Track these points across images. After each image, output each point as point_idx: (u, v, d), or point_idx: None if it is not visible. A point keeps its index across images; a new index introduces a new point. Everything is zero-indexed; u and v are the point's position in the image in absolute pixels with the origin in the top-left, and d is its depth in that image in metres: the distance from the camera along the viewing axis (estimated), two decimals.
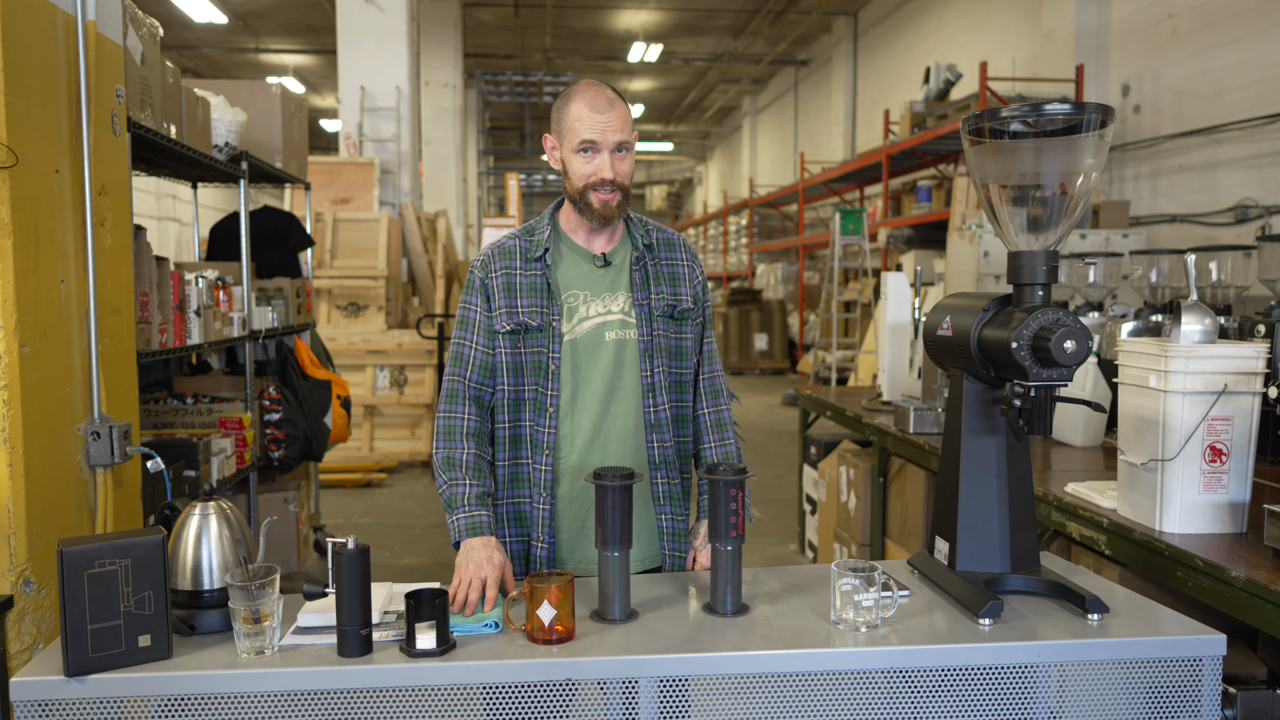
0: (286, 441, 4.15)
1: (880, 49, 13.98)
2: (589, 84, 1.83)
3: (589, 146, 1.80)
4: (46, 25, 2.18)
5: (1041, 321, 1.57)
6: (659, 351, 1.88)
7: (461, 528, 1.75)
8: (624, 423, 1.86)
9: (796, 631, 1.56)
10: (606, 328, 1.86)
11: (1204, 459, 2.05)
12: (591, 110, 1.79)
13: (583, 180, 1.81)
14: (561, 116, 1.83)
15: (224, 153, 3.72)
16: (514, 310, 1.84)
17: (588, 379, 1.85)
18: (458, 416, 1.84)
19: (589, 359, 1.85)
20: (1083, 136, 1.58)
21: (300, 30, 15.00)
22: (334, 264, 7.79)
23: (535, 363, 1.84)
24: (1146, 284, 3.44)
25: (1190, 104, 7.18)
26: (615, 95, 1.83)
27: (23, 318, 2.06)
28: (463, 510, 1.76)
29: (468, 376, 1.86)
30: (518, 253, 1.88)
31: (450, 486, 1.79)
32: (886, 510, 3.90)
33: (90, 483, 2.34)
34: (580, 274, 1.88)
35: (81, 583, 1.41)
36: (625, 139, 1.81)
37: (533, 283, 1.85)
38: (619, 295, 1.88)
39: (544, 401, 1.84)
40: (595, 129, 1.78)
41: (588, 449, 1.85)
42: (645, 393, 1.87)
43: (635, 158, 1.88)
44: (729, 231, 19.02)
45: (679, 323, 1.93)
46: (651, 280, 1.90)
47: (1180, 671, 1.53)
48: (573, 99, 1.81)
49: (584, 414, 1.85)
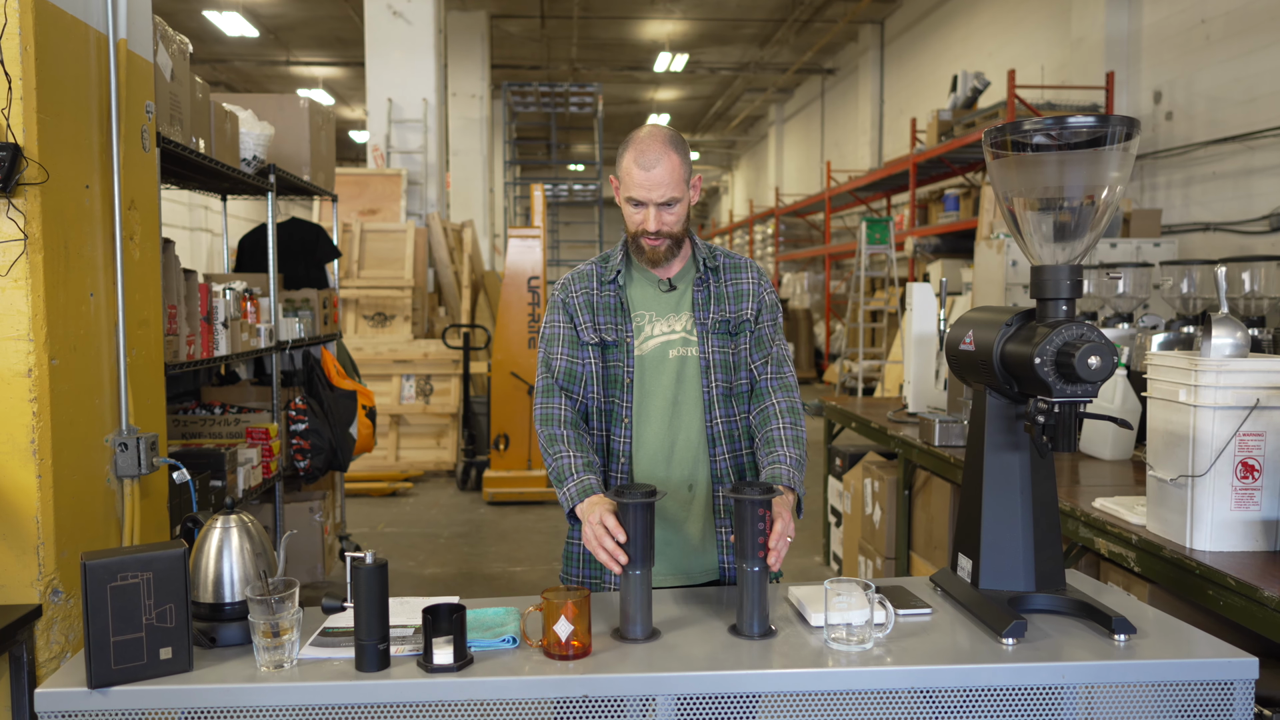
0: (312, 451, 4.19)
1: (907, 57, 13.91)
2: (647, 134, 1.88)
3: (635, 203, 1.88)
4: (78, 44, 2.22)
5: (1065, 337, 1.54)
6: (715, 367, 1.94)
7: (573, 494, 1.80)
8: (687, 436, 1.94)
9: (818, 651, 1.55)
10: (670, 345, 1.95)
11: (1235, 475, 2.01)
12: (639, 167, 1.84)
13: (633, 227, 1.92)
14: (619, 164, 1.90)
15: (252, 166, 3.77)
16: (596, 326, 1.95)
17: (653, 393, 1.94)
18: (554, 406, 1.94)
19: (654, 375, 1.94)
20: (1107, 149, 1.56)
21: (330, 43, 15.19)
22: (361, 274, 7.86)
23: (614, 376, 1.95)
24: (1178, 295, 3.39)
25: (1224, 110, 7.07)
26: (667, 147, 1.85)
27: (53, 331, 2.09)
28: (572, 480, 1.82)
29: (556, 376, 1.96)
30: (594, 276, 2.00)
31: (556, 460, 1.87)
32: (912, 523, 3.86)
33: (118, 493, 2.37)
34: (648, 296, 1.98)
35: (105, 595, 1.43)
36: (672, 195, 1.86)
37: (608, 302, 1.96)
38: (682, 315, 1.97)
39: (620, 412, 1.94)
40: (641, 187, 1.85)
41: (653, 460, 1.93)
42: (706, 407, 1.94)
43: (690, 201, 1.94)
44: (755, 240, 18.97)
45: (734, 337, 1.98)
46: (714, 300, 1.97)
47: (1211, 694, 1.50)
48: (628, 149, 1.88)
49: (648, 426, 1.94)
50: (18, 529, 2.05)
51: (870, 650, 1.54)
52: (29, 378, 2.04)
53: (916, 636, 1.61)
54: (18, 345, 2.04)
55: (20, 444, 2.04)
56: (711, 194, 29.17)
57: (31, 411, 2.05)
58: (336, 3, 12.89)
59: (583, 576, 1.97)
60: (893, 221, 9.88)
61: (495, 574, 5.06)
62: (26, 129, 2.02)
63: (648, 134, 1.88)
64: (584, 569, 1.97)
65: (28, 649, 2.04)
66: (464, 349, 7.24)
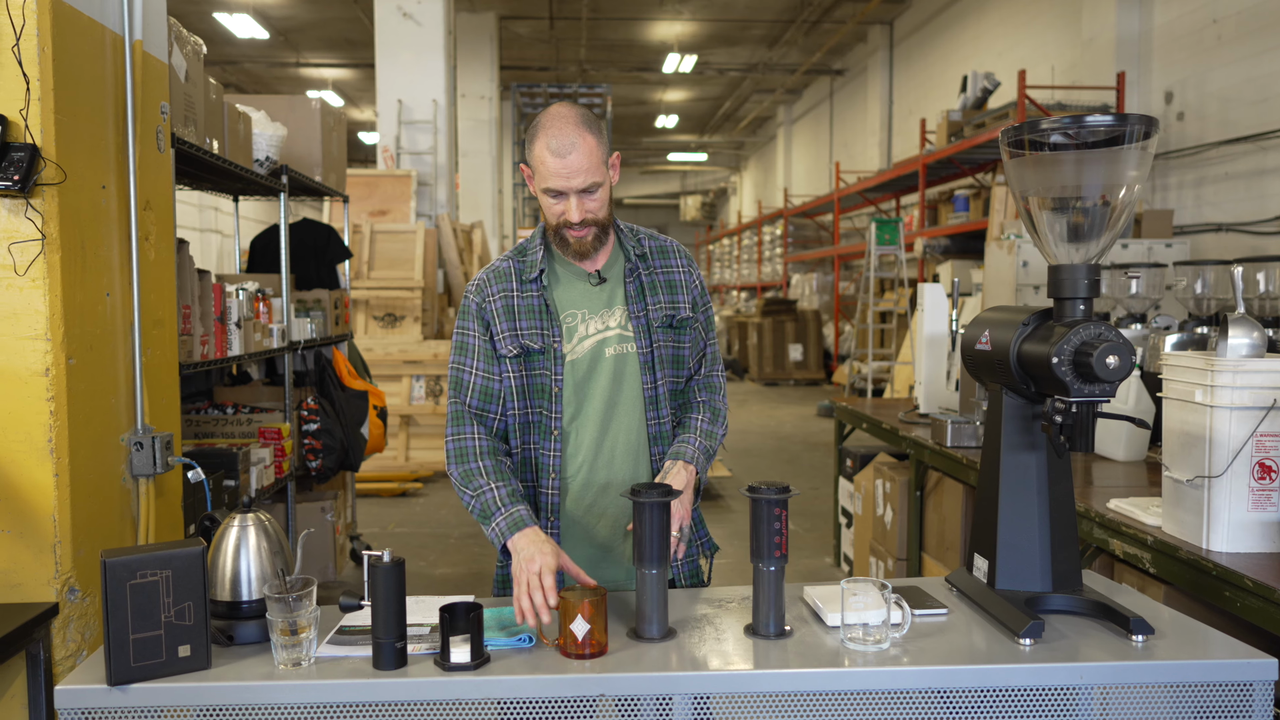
0: (324, 451, 4.20)
1: (916, 58, 13.89)
2: (554, 117, 1.73)
3: (554, 194, 1.75)
4: (95, 45, 2.24)
5: (1083, 336, 1.54)
6: (661, 363, 1.86)
7: (503, 529, 1.70)
8: (626, 437, 1.84)
9: (835, 651, 1.54)
10: (605, 344, 1.83)
11: (1253, 476, 2.00)
12: (553, 154, 1.70)
13: (554, 219, 1.78)
14: (529, 153, 1.76)
15: (265, 167, 3.79)
16: (516, 333, 1.81)
17: (588, 397, 1.83)
18: (467, 437, 1.80)
19: (589, 378, 1.83)
20: (1125, 148, 1.55)
21: (339, 45, 15.23)
22: (371, 275, 7.89)
23: (539, 386, 1.82)
24: (1191, 295, 3.37)
25: (1236, 110, 7.04)
26: (580, 128, 1.71)
27: (69, 330, 2.10)
28: (499, 513, 1.71)
29: (468, 401, 1.83)
30: (513, 274, 1.84)
31: (478, 497, 1.74)
32: (923, 524, 3.85)
33: (133, 492, 2.38)
34: (576, 293, 1.85)
35: (124, 593, 1.44)
36: (591, 181, 1.73)
37: (530, 304, 1.82)
38: (615, 310, 1.85)
39: (548, 424, 1.82)
40: (558, 176, 1.72)
41: (591, 467, 1.84)
42: (648, 405, 1.85)
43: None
44: (764, 241, 18.96)
45: (678, 332, 1.89)
46: (647, 290, 1.87)
47: (1229, 696, 1.49)
48: (537, 135, 1.73)
49: (585, 432, 1.83)
50: (35, 527, 2.07)
51: (887, 650, 1.54)
52: (46, 377, 2.05)
53: (933, 637, 1.60)
54: (35, 344, 2.05)
55: (38, 443, 2.06)
56: (720, 195, 29.16)
57: (49, 410, 2.06)
58: (346, 4, 12.93)
59: None
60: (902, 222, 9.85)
61: None
62: (44, 130, 2.03)
63: (556, 116, 1.72)
64: None
65: (44, 647, 2.05)
66: None
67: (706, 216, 29.24)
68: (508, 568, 1.85)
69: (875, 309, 10.56)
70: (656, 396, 1.85)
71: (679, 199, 29.14)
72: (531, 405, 1.82)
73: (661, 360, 1.86)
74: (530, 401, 1.82)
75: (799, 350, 14.67)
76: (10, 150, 1.98)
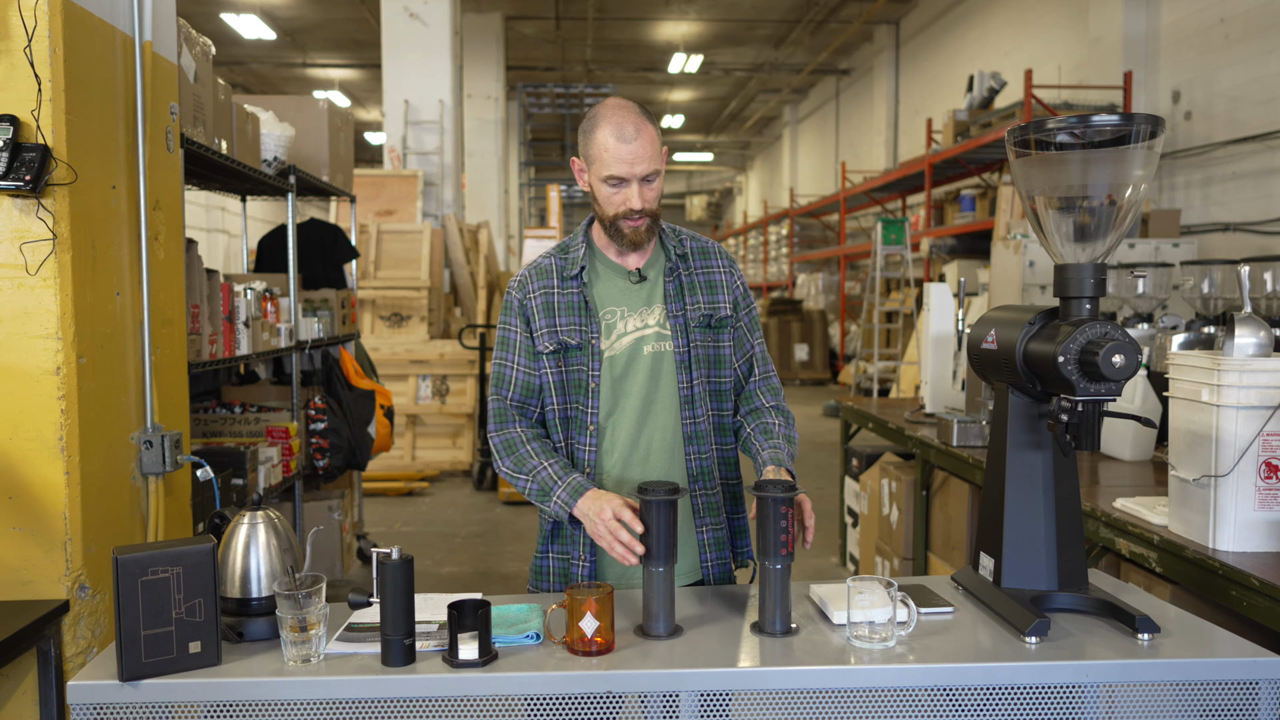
0: (331, 450, 4.21)
1: (922, 57, 13.87)
2: (615, 106, 1.77)
3: (616, 181, 1.77)
4: (105, 46, 2.25)
5: (1089, 335, 1.54)
6: (697, 362, 1.86)
7: (565, 500, 1.74)
8: (662, 435, 1.85)
9: (841, 649, 1.55)
10: (644, 341, 1.84)
11: (1259, 475, 2.00)
12: (618, 140, 1.73)
13: (612, 209, 1.79)
14: (588, 143, 1.78)
15: (273, 167, 3.80)
16: (554, 330, 1.83)
17: (625, 394, 1.84)
18: (511, 432, 1.85)
19: (626, 374, 1.84)
20: (1132, 148, 1.56)
21: (346, 45, 15.27)
22: (378, 275, 7.91)
23: (577, 381, 1.84)
24: (1198, 295, 3.37)
25: (1243, 110, 7.02)
26: (642, 117, 1.76)
27: (80, 330, 2.12)
28: (557, 485, 1.75)
29: (510, 396, 1.86)
30: (554, 271, 1.87)
31: (533, 478, 1.79)
32: (929, 524, 3.85)
33: (143, 490, 2.40)
34: (616, 290, 1.87)
35: (136, 589, 1.45)
36: (653, 168, 1.76)
37: (570, 301, 1.85)
38: (654, 308, 1.86)
39: (584, 419, 1.84)
40: (622, 162, 1.74)
41: (625, 464, 1.85)
42: (683, 404, 1.85)
43: (666, 172, 1.86)
44: (769, 241, 18.95)
45: (716, 331, 1.89)
46: (686, 290, 1.88)
47: (1236, 694, 1.50)
48: (599, 124, 1.76)
49: (621, 428, 1.84)
50: (46, 525, 2.08)
51: (893, 648, 1.54)
52: (57, 375, 2.07)
53: (939, 635, 1.61)
54: (46, 343, 2.07)
55: (49, 441, 2.07)
56: (726, 195, 29.15)
57: (60, 409, 2.07)
58: (353, 5, 12.96)
59: (554, 590, 1.88)
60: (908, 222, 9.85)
61: (511, 573, 5.08)
62: (55, 130, 2.05)
63: (617, 106, 1.76)
64: (556, 582, 1.88)
65: (55, 643, 2.07)
66: (480, 349, 7.27)
67: (712, 216, 29.23)
68: (544, 558, 1.89)
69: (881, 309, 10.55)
70: (692, 396, 1.86)
71: (685, 199, 29.14)
72: (569, 400, 1.85)
73: (698, 360, 1.87)
74: (568, 396, 1.85)
75: (805, 350, 14.67)
76: (22, 150, 2.00)
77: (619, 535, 1.62)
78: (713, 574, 1.90)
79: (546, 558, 1.89)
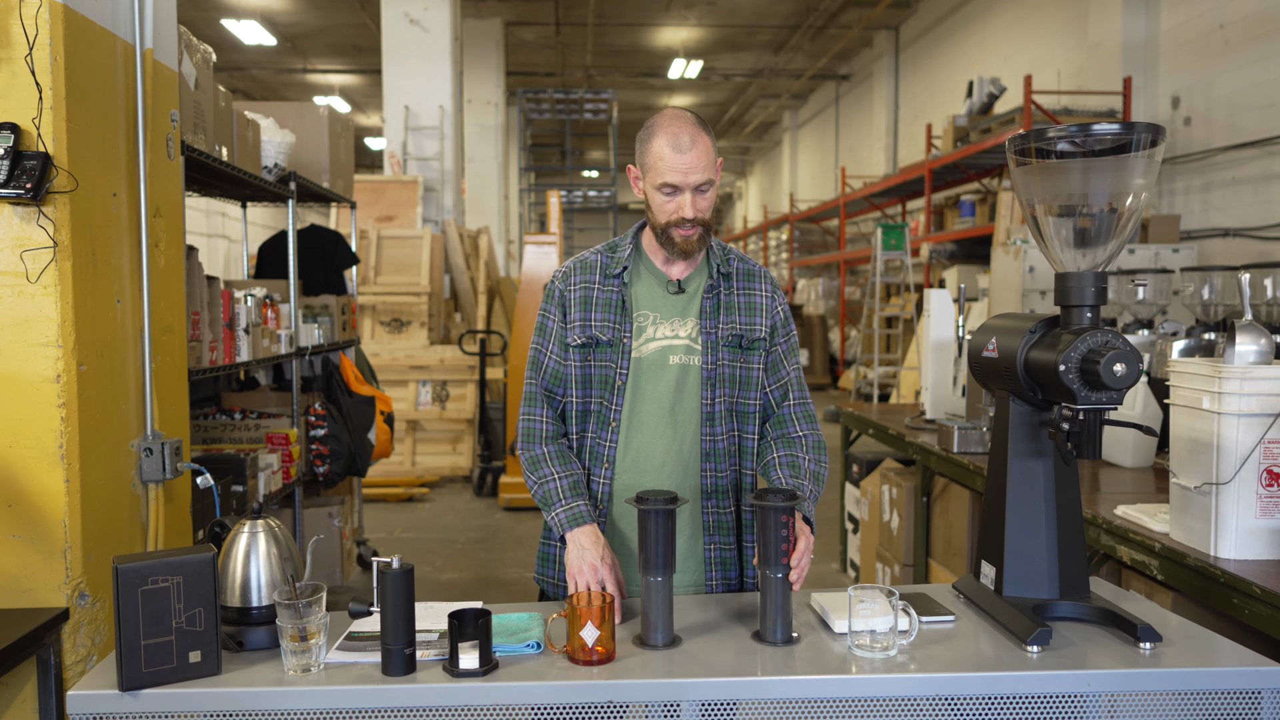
0: (331, 457, 4.21)
1: (922, 63, 13.89)
2: (672, 117, 1.79)
3: (670, 189, 1.79)
4: (106, 54, 2.25)
5: (1090, 344, 1.54)
6: (722, 380, 1.87)
7: (563, 520, 1.79)
8: (679, 447, 1.86)
9: (842, 658, 1.55)
10: (671, 351, 1.86)
11: (1260, 483, 2.00)
12: (674, 150, 1.76)
13: (665, 217, 1.81)
14: (645, 150, 1.81)
15: (273, 174, 3.80)
16: (587, 324, 1.86)
17: (648, 399, 1.86)
18: (536, 419, 1.89)
19: (651, 379, 1.86)
20: (1132, 156, 1.56)
21: (346, 51, 15.29)
22: (378, 280, 7.91)
23: (603, 376, 1.87)
24: (1198, 301, 3.36)
25: (1243, 116, 7.03)
26: (698, 128, 1.78)
27: (81, 337, 2.12)
28: (560, 504, 1.80)
29: (542, 381, 1.91)
30: (598, 267, 1.91)
31: (541, 485, 1.84)
32: (930, 530, 3.85)
33: (143, 498, 2.39)
34: (653, 296, 1.89)
35: (136, 599, 1.45)
36: (707, 178, 1.79)
37: (608, 298, 1.88)
38: (688, 321, 1.88)
39: (608, 415, 1.86)
40: (677, 171, 1.76)
41: (640, 469, 1.86)
42: (704, 420, 1.87)
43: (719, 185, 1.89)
44: (769, 246, 18.96)
45: (746, 352, 1.89)
46: (723, 309, 1.89)
47: (1238, 704, 1.49)
48: (655, 133, 1.79)
49: (639, 433, 1.86)
50: (46, 533, 2.08)
51: (894, 657, 1.54)
52: (57, 383, 2.07)
53: (940, 644, 1.61)
54: (47, 351, 2.06)
55: (49, 449, 2.07)
56: (725, 200, 29.17)
57: (60, 417, 2.07)
58: (353, 11, 12.98)
59: (559, 579, 1.92)
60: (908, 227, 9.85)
61: (512, 579, 5.07)
62: (56, 138, 2.05)
63: (676, 116, 1.79)
64: (560, 571, 1.91)
65: (55, 652, 2.06)
66: (480, 355, 7.27)
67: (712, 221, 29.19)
68: (549, 547, 1.96)
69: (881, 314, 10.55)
70: (714, 413, 1.87)
71: None
72: (591, 394, 1.88)
73: (723, 378, 1.87)
74: (590, 391, 1.88)
75: (804, 355, 14.66)
76: (23, 158, 2.00)
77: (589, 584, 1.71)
78: (717, 592, 1.90)
79: (551, 545, 1.95)
